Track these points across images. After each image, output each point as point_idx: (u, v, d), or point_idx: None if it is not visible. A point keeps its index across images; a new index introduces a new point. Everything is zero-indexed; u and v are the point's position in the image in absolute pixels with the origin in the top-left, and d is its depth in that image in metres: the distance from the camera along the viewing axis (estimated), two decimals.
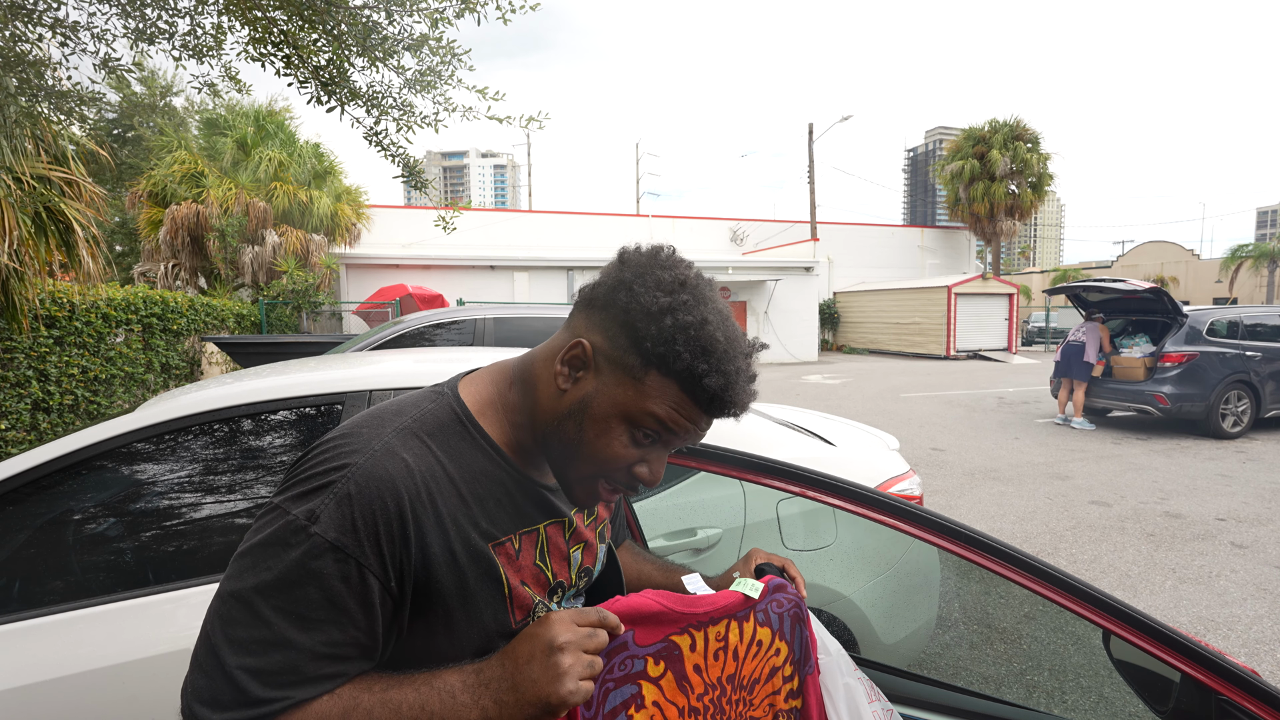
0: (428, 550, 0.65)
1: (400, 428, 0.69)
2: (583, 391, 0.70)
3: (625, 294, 0.68)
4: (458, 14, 3.69)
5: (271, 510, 0.64)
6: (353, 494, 0.62)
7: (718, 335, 0.67)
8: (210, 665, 0.59)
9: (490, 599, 0.70)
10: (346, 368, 1.83)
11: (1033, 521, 4.66)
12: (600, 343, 0.69)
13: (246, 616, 0.60)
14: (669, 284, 0.68)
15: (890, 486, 2.20)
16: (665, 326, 0.66)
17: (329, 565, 0.60)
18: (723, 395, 0.67)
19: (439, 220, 5.08)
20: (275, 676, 0.59)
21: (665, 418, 0.68)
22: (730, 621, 0.83)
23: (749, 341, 0.72)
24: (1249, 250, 32.04)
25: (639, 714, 0.77)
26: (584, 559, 0.84)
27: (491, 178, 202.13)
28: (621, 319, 0.68)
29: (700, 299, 0.68)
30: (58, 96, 3.97)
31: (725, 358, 0.67)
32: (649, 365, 0.67)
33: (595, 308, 0.71)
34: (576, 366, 0.70)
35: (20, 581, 1.45)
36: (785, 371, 16.50)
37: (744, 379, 0.69)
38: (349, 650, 0.62)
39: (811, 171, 22.99)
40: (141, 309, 6.85)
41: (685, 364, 0.66)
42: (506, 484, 0.74)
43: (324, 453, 0.67)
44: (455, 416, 0.73)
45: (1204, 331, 7.72)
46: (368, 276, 16.13)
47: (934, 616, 2.30)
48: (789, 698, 0.85)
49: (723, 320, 0.69)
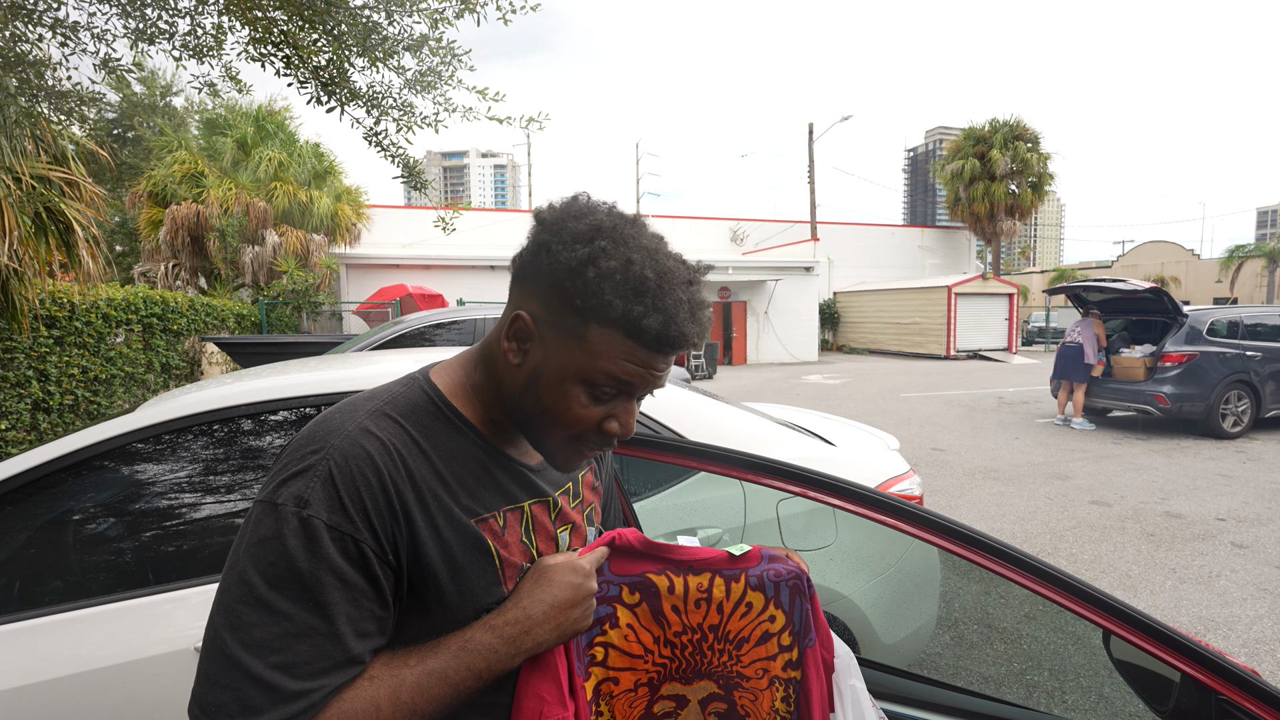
0: (413, 524, 0.66)
1: (372, 410, 0.69)
2: (533, 362, 0.70)
3: (546, 256, 0.67)
4: (458, 14, 3.69)
5: (259, 506, 0.64)
6: (334, 473, 0.63)
7: (646, 274, 0.65)
8: (230, 678, 0.58)
9: (481, 571, 0.70)
10: (346, 368, 1.84)
11: (1033, 521, 4.66)
12: (537, 310, 0.69)
13: (261, 616, 0.59)
14: (584, 234, 0.66)
15: (890, 486, 2.20)
16: (590, 279, 0.64)
17: (329, 545, 0.61)
18: (667, 332, 0.65)
19: (439, 220, 5.08)
20: (305, 666, 0.59)
21: (618, 372, 0.67)
22: (714, 576, 0.85)
23: (688, 267, 0.70)
24: (1249, 250, 32.03)
25: (613, 631, 0.83)
26: (572, 540, 0.84)
27: (491, 178, 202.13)
28: (549, 281, 0.67)
29: (619, 240, 0.66)
30: (58, 96, 3.97)
31: (660, 293, 0.65)
32: (587, 321, 0.66)
33: (526, 276, 0.70)
34: (522, 339, 0.70)
35: (20, 581, 1.45)
36: (785, 371, 16.50)
37: (685, 310, 0.67)
38: (368, 625, 0.63)
39: (811, 171, 22.99)
40: (141, 309, 6.85)
41: (619, 311, 0.64)
42: (486, 463, 0.74)
43: (299, 442, 0.67)
44: (428, 398, 0.73)
45: (1204, 331, 7.72)
46: (368, 276, 16.13)
47: (934, 616, 2.30)
48: (787, 667, 0.86)
49: (649, 256, 0.66)
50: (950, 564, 2.91)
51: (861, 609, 2.00)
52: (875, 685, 1.20)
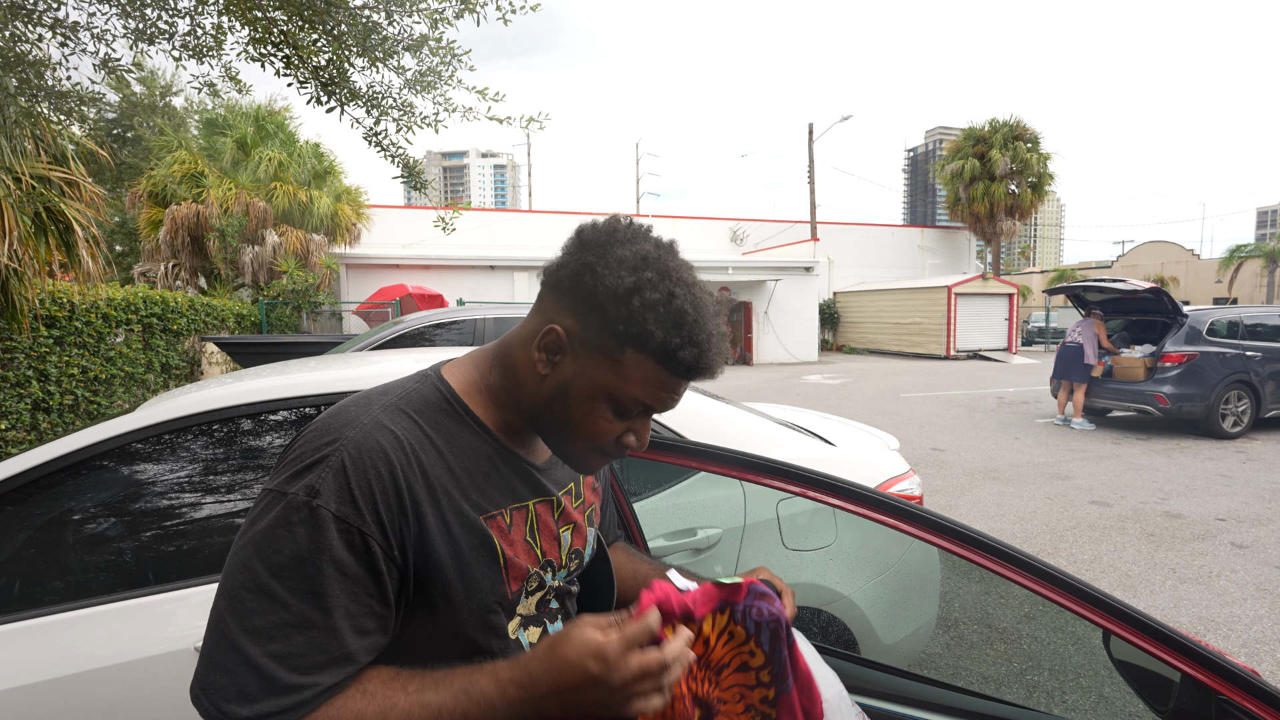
0: (423, 519, 0.66)
1: (387, 404, 0.70)
2: (563, 375, 0.71)
3: (590, 277, 0.68)
4: (457, 14, 3.69)
5: (268, 494, 0.64)
6: (347, 465, 0.63)
7: (686, 308, 0.67)
8: (229, 661, 0.59)
9: (486, 569, 0.71)
10: (346, 368, 1.84)
11: (1033, 521, 4.66)
12: (573, 326, 0.70)
13: (262, 603, 0.60)
14: (631, 262, 0.67)
15: (890, 486, 2.20)
16: (634, 308, 0.66)
17: (336, 538, 0.61)
18: (699, 364, 0.68)
19: (439, 220, 5.08)
20: (301, 659, 0.59)
21: (646, 397, 0.70)
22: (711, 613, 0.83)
23: (714, 299, 0.72)
24: (1249, 250, 32.03)
25: None
26: (573, 540, 0.84)
27: (491, 178, 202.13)
28: (590, 302, 0.68)
29: (664, 272, 0.68)
30: (58, 96, 3.97)
31: (696, 327, 0.67)
32: (624, 345, 0.68)
33: (562, 290, 0.71)
34: (553, 351, 0.71)
35: (20, 581, 1.45)
36: (785, 371, 16.49)
37: (716, 341, 0.69)
38: (367, 622, 0.63)
39: (811, 171, 22.99)
40: (141, 309, 6.85)
41: (658, 341, 0.66)
42: (495, 460, 0.75)
43: (313, 432, 0.67)
44: (441, 395, 0.74)
45: (1204, 331, 7.72)
46: (368, 276, 16.13)
47: (934, 617, 2.30)
48: (764, 703, 0.84)
49: (689, 290, 0.69)
50: (950, 564, 2.91)
51: (861, 609, 2.00)
52: (875, 685, 1.20)
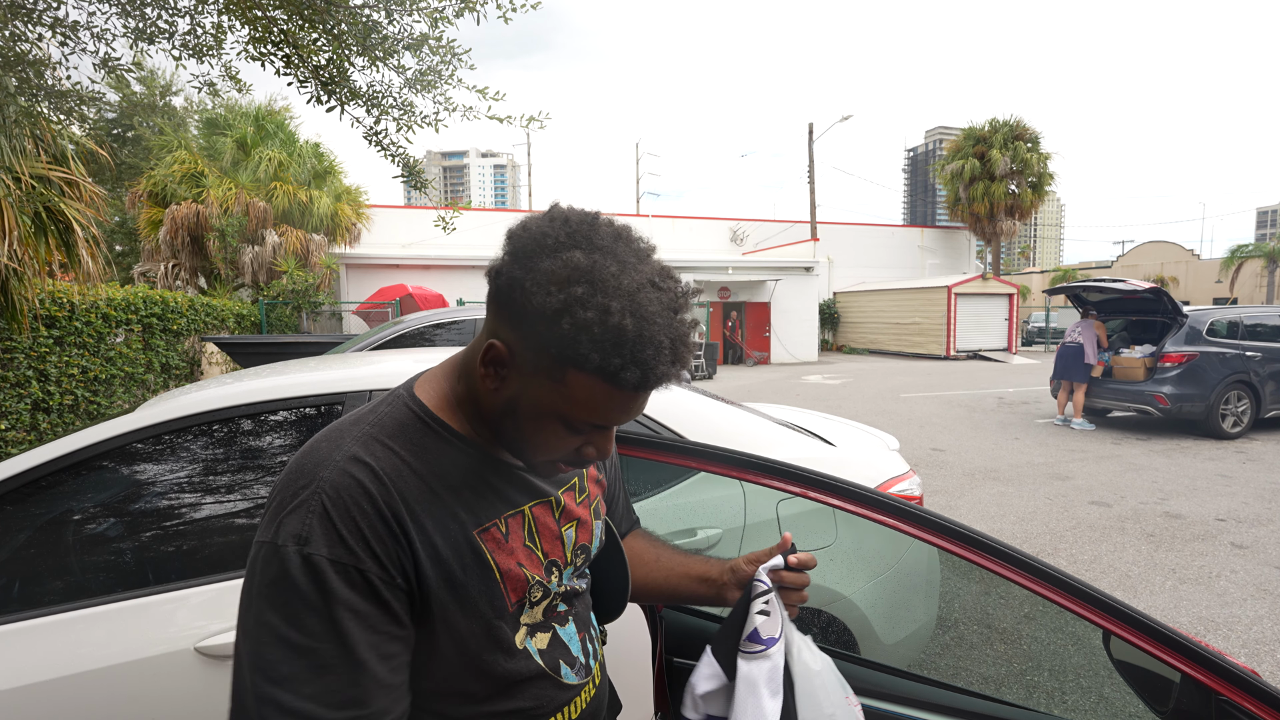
0: (413, 545, 0.66)
1: (359, 435, 0.69)
2: (510, 390, 0.68)
3: (520, 293, 0.63)
4: (457, 13, 3.69)
5: (261, 547, 0.64)
6: (328, 506, 0.63)
7: (625, 323, 0.59)
8: (268, 712, 0.59)
9: (482, 585, 0.71)
10: (346, 368, 1.83)
11: (1033, 521, 4.66)
12: (514, 342, 0.65)
13: (285, 653, 0.60)
14: (560, 275, 0.61)
15: (890, 486, 2.20)
16: (565, 331, 0.60)
17: (337, 581, 0.61)
18: (645, 381, 0.62)
19: (439, 220, 5.08)
20: (335, 695, 0.60)
21: (596, 417, 0.66)
22: None
23: (672, 295, 0.64)
24: (1249, 250, 32.03)
25: None
26: (579, 536, 0.84)
27: (491, 178, 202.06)
28: (522, 321, 0.63)
29: (596, 284, 0.60)
30: (58, 96, 3.97)
31: (639, 343, 0.60)
32: (564, 367, 0.62)
33: (500, 303, 0.66)
34: (498, 365, 0.67)
35: (20, 581, 1.45)
36: (785, 371, 16.50)
37: (666, 356, 0.62)
38: (390, 647, 0.64)
39: (811, 171, 22.98)
40: (141, 309, 6.85)
41: (596, 364, 0.60)
42: (482, 471, 0.74)
43: (289, 475, 0.67)
44: (414, 415, 0.72)
45: (1204, 332, 7.72)
46: (368, 276, 16.13)
47: (934, 617, 2.30)
48: None
49: (629, 300, 0.60)
50: (950, 564, 2.91)
51: (861, 609, 2.00)
52: (875, 686, 1.20)
